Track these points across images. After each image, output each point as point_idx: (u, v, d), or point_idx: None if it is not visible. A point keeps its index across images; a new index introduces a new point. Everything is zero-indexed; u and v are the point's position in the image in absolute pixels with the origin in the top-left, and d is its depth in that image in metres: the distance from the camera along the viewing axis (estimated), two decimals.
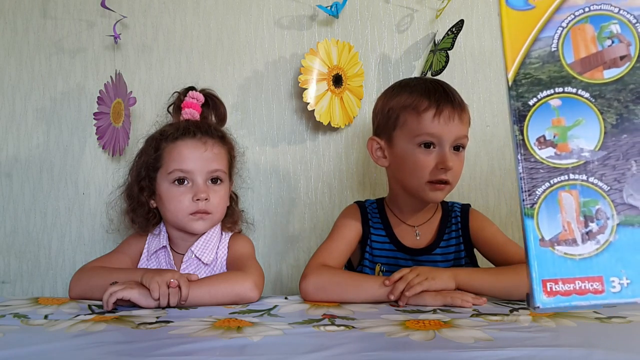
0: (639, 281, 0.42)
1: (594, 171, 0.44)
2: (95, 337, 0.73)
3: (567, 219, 0.44)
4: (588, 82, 0.45)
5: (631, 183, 0.43)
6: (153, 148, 1.12)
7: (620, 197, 0.44)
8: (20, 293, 1.38)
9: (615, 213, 0.43)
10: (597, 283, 0.43)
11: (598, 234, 0.43)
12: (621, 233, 0.43)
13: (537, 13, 0.46)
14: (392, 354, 0.65)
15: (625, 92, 0.45)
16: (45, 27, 1.40)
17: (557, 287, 0.43)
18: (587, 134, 0.45)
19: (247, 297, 0.97)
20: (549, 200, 0.44)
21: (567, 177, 0.45)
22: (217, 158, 1.11)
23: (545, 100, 0.46)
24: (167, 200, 1.09)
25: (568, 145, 0.45)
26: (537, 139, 0.46)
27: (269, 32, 1.41)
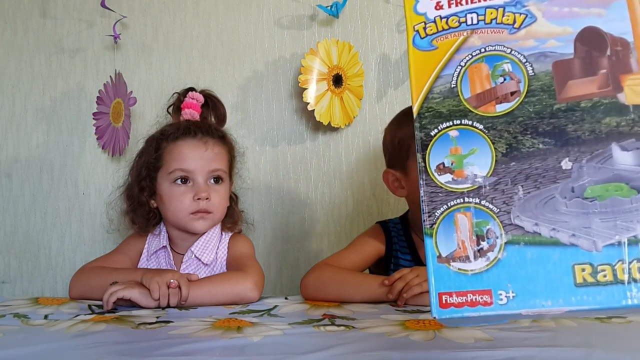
0: (523, 294, 0.46)
1: (485, 195, 0.48)
2: (95, 337, 0.73)
3: (461, 238, 0.48)
4: (482, 115, 0.50)
5: (518, 206, 0.48)
6: (154, 148, 1.12)
7: (508, 218, 0.48)
8: (20, 293, 1.38)
9: (504, 232, 0.47)
10: (486, 296, 0.47)
11: (488, 251, 0.47)
12: (508, 251, 0.47)
13: (439, 53, 0.51)
14: (392, 354, 0.65)
15: (515, 124, 0.49)
16: (45, 27, 1.40)
17: (451, 300, 0.47)
18: (480, 162, 0.49)
19: (247, 297, 0.97)
20: (446, 221, 0.49)
21: (462, 200, 0.49)
22: (217, 158, 1.11)
23: (445, 131, 0.51)
24: (167, 200, 1.09)
25: (464, 171, 0.49)
26: (437, 165, 0.50)
27: (269, 32, 1.41)
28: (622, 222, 0.45)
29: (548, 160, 0.48)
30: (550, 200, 0.47)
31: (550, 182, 0.47)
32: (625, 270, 0.44)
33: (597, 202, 0.46)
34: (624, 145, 0.47)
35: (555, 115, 0.48)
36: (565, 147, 0.48)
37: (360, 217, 1.41)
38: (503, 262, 0.47)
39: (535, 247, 0.46)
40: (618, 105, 0.47)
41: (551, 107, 0.49)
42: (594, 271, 0.45)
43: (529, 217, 0.47)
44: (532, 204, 0.47)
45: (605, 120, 0.47)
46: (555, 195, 0.47)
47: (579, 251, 0.45)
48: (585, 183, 0.47)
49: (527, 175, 0.48)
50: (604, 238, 0.45)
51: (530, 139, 0.49)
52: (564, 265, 0.45)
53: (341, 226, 1.41)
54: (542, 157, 0.48)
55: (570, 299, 0.45)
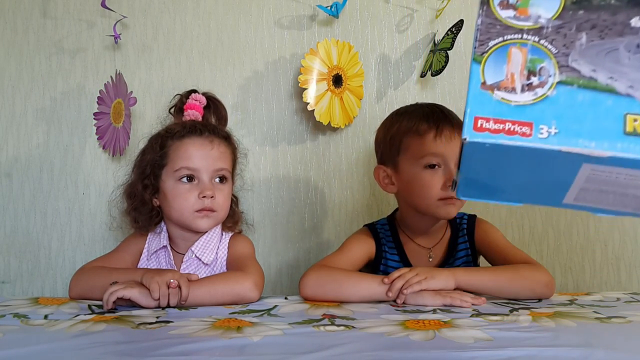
0: (566, 132, 0.45)
1: (546, 35, 0.48)
2: (95, 337, 0.73)
3: (511, 70, 0.47)
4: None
5: (579, 51, 0.47)
6: (159, 145, 1.11)
7: (565, 60, 0.47)
8: (20, 293, 1.38)
9: (558, 72, 0.46)
10: (526, 127, 0.45)
11: (537, 87, 0.46)
12: (560, 90, 0.46)
13: None
14: (392, 354, 0.65)
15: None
16: (45, 27, 1.40)
17: (487, 125, 0.46)
18: (547, 4, 0.49)
19: (247, 297, 0.97)
20: (499, 52, 0.48)
21: (520, 36, 0.48)
22: (223, 157, 1.12)
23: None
24: (172, 198, 1.09)
25: (528, 10, 0.48)
26: (501, 0, 0.49)
27: (269, 32, 1.41)
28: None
29: (618, 16, 0.47)
30: (613, 51, 0.46)
31: (617, 35, 0.47)
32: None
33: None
34: None
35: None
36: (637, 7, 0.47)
37: (360, 217, 1.41)
38: (552, 99, 0.46)
39: (589, 91, 0.45)
40: None
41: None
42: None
43: (587, 62, 0.46)
44: (594, 51, 0.47)
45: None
46: (620, 47, 0.46)
47: (635, 102, 0.45)
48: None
49: (593, 25, 0.48)
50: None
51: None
52: (616, 113, 0.44)
53: (341, 226, 1.41)
54: (612, 11, 0.48)
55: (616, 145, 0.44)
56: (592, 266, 1.43)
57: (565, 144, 0.44)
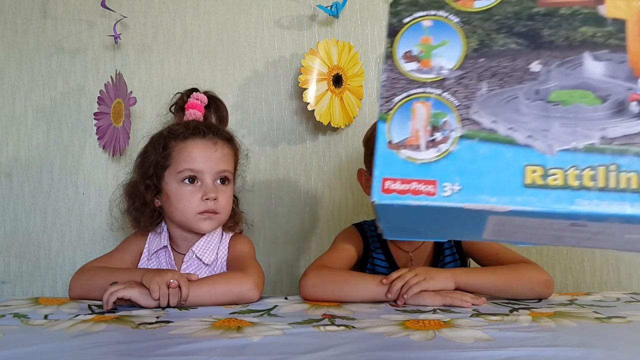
0: (468, 189, 0.45)
1: (448, 87, 0.48)
2: (95, 337, 0.73)
3: (416, 127, 0.47)
4: (459, 9, 0.49)
5: (479, 102, 0.47)
6: (161, 146, 1.11)
7: (467, 112, 0.47)
8: (20, 293, 1.38)
9: (460, 126, 0.46)
10: (431, 186, 0.45)
11: (441, 143, 0.46)
12: (462, 144, 0.46)
13: None
14: (392, 354, 0.65)
15: (491, 21, 0.49)
16: (45, 27, 1.40)
17: (394, 186, 0.46)
18: (449, 54, 0.49)
19: (247, 297, 0.97)
20: (404, 109, 0.48)
21: (423, 90, 0.48)
22: (225, 159, 1.12)
23: (418, 20, 0.50)
24: (175, 199, 1.09)
25: (430, 62, 0.49)
26: (404, 52, 0.49)
27: (269, 32, 1.41)
28: (582, 129, 0.45)
29: (518, 61, 0.47)
30: (513, 99, 0.46)
31: (516, 82, 0.47)
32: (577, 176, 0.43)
33: (560, 106, 0.46)
34: (597, 54, 0.46)
35: (533, 18, 0.48)
36: (537, 50, 0.47)
37: (360, 217, 1.41)
38: (454, 155, 0.46)
39: (489, 144, 0.46)
40: (597, 16, 0.47)
41: (530, 9, 0.48)
42: (545, 174, 0.44)
43: (488, 114, 0.46)
44: (494, 101, 0.47)
45: (581, 29, 0.47)
46: (519, 95, 0.46)
47: (533, 152, 0.45)
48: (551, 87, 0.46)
49: (493, 73, 0.48)
50: (561, 142, 0.44)
51: (503, 38, 0.48)
52: (516, 165, 0.45)
53: (341, 226, 1.41)
54: (512, 57, 0.48)
55: (517, 199, 0.44)
56: (592, 266, 1.43)
57: (468, 201, 0.45)
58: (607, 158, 0.43)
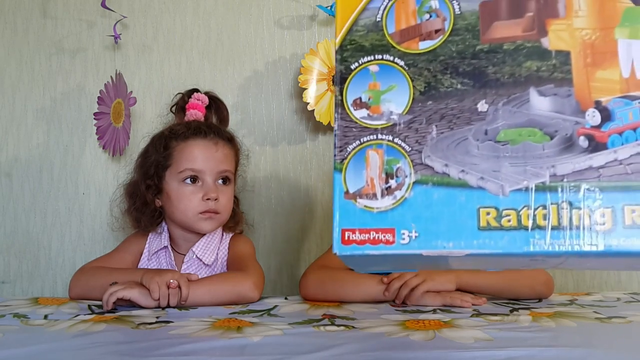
0: (426, 235, 0.45)
1: (399, 133, 0.48)
2: (95, 337, 0.73)
3: (370, 175, 0.47)
4: (404, 52, 0.49)
5: (430, 145, 0.47)
6: (162, 146, 1.11)
7: (419, 157, 0.47)
8: (20, 293, 1.38)
9: (413, 172, 0.47)
10: (389, 234, 0.46)
11: (396, 190, 0.46)
12: (416, 190, 0.46)
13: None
14: (392, 354, 0.65)
15: (436, 62, 0.48)
16: (45, 27, 1.40)
17: (353, 236, 0.46)
18: (397, 99, 0.48)
19: (247, 297, 0.97)
20: (357, 157, 0.48)
21: (375, 137, 0.48)
22: (226, 159, 1.12)
23: (365, 65, 0.49)
24: (176, 199, 1.09)
25: (380, 108, 0.48)
26: (354, 100, 0.49)
27: (269, 32, 1.41)
28: (531, 168, 0.44)
29: (465, 102, 0.47)
30: (462, 141, 0.46)
31: (465, 124, 0.47)
32: (530, 216, 0.43)
33: (509, 146, 0.45)
34: (542, 90, 0.46)
35: (477, 56, 0.48)
36: (483, 88, 0.47)
37: None
38: (409, 201, 0.46)
39: (442, 188, 0.46)
40: (540, 49, 0.47)
41: (474, 47, 0.48)
42: (499, 215, 0.44)
43: (439, 158, 0.46)
44: (445, 144, 0.47)
45: (526, 64, 0.47)
46: (468, 137, 0.46)
47: (486, 194, 0.44)
48: (499, 126, 0.46)
49: (442, 115, 0.47)
50: (512, 183, 0.44)
51: (449, 79, 0.48)
52: (470, 208, 0.45)
53: None
54: (459, 97, 0.47)
55: (472, 242, 0.44)
56: None
57: (425, 247, 0.45)
58: (559, 196, 0.43)
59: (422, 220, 0.45)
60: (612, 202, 0.42)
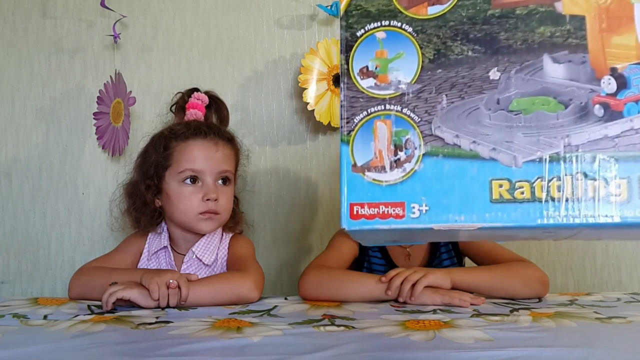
0: (437, 208, 0.44)
1: (408, 103, 0.46)
2: (95, 337, 0.73)
3: (379, 147, 0.46)
4: (412, 17, 0.47)
5: (440, 116, 0.45)
6: (162, 146, 1.11)
7: (429, 128, 0.45)
8: (20, 293, 1.38)
9: (423, 143, 0.45)
10: (399, 208, 0.45)
11: (405, 162, 0.45)
12: (426, 162, 0.45)
13: None
14: (392, 354, 0.65)
15: (445, 28, 0.46)
16: (44, 26, 1.39)
17: (362, 211, 0.45)
18: (405, 67, 0.46)
19: (247, 298, 0.97)
20: (365, 129, 0.46)
21: (383, 107, 0.46)
22: (226, 159, 1.12)
23: (372, 32, 0.47)
24: (176, 200, 1.09)
25: (388, 77, 0.47)
26: (360, 69, 0.47)
27: (269, 32, 1.41)
28: (545, 138, 0.43)
29: (476, 69, 0.45)
30: (474, 111, 0.45)
31: (476, 93, 0.45)
32: (543, 188, 0.42)
33: (522, 115, 0.44)
34: (556, 57, 0.44)
35: (488, 21, 0.46)
36: (495, 55, 0.45)
37: None
38: (419, 174, 0.45)
39: (453, 160, 0.44)
40: (554, 14, 0.45)
41: (485, 12, 0.46)
42: (512, 187, 0.43)
43: (450, 128, 0.45)
44: (455, 114, 0.45)
45: (539, 30, 0.45)
46: (480, 106, 0.45)
47: (498, 166, 0.43)
48: (511, 95, 0.44)
49: (452, 84, 0.46)
50: (525, 153, 0.43)
51: (459, 46, 0.46)
52: (482, 180, 0.43)
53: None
54: (470, 65, 0.46)
55: (485, 215, 0.43)
56: (593, 266, 1.43)
57: (436, 222, 0.44)
58: (573, 167, 0.42)
59: (432, 193, 0.44)
60: (628, 172, 0.41)
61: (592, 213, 0.41)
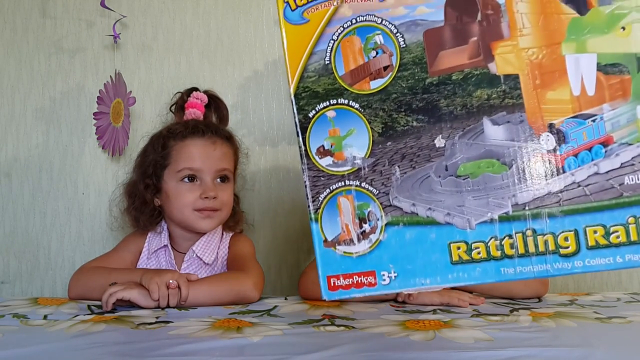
0: (404, 274, 0.47)
1: (365, 177, 0.48)
2: (95, 337, 0.73)
3: (345, 221, 0.49)
4: (357, 93, 0.49)
5: (396, 186, 0.48)
6: (160, 145, 1.11)
7: (387, 199, 0.48)
8: (20, 293, 1.38)
9: (384, 214, 0.48)
10: (370, 277, 0.48)
11: (370, 233, 0.48)
12: (389, 232, 0.47)
13: (311, 27, 0.50)
14: (392, 354, 0.65)
15: (389, 101, 0.48)
16: (44, 26, 1.39)
17: (338, 282, 0.48)
18: (358, 143, 0.49)
19: (247, 298, 0.97)
20: (330, 205, 0.49)
21: (343, 184, 0.49)
22: (225, 158, 1.12)
23: (322, 112, 0.50)
24: (174, 198, 1.09)
25: (343, 153, 0.49)
26: (317, 148, 0.50)
27: (269, 32, 1.41)
28: (493, 199, 0.45)
29: (422, 139, 0.47)
30: (425, 179, 0.47)
31: (425, 161, 0.47)
32: (497, 246, 0.45)
33: (469, 179, 0.46)
34: (495, 119, 0.46)
35: (428, 90, 0.47)
36: (438, 123, 0.47)
37: None
38: (384, 243, 0.47)
39: (413, 228, 0.47)
40: (489, 76, 0.46)
41: (423, 81, 0.48)
42: (469, 249, 0.45)
43: (406, 198, 0.47)
44: (409, 183, 0.47)
45: (476, 93, 0.46)
46: (430, 174, 0.47)
47: (454, 229, 0.46)
48: (458, 161, 0.47)
49: (403, 155, 0.48)
50: (477, 216, 0.45)
51: (404, 117, 0.48)
52: (441, 244, 0.46)
53: None
54: (416, 135, 0.48)
55: (447, 277, 0.46)
56: None
57: (405, 286, 0.47)
58: (522, 224, 0.44)
59: (398, 260, 0.47)
60: (574, 224, 0.44)
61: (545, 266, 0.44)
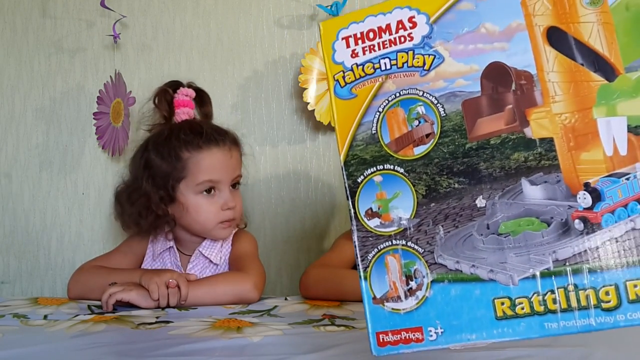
0: (450, 330, 0.49)
1: (410, 236, 0.51)
2: (95, 337, 0.73)
3: (392, 279, 0.51)
4: (402, 159, 0.52)
5: (440, 245, 0.50)
6: (174, 157, 1.06)
7: (432, 257, 0.50)
8: (20, 293, 1.38)
9: (429, 272, 0.50)
10: (418, 333, 0.49)
11: (417, 290, 0.50)
12: (435, 288, 0.50)
13: (359, 101, 0.54)
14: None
15: (432, 165, 0.52)
16: (44, 26, 1.39)
17: (387, 338, 0.50)
18: (404, 204, 0.52)
19: (247, 298, 0.97)
20: (378, 264, 0.52)
21: (390, 243, 0.52)
22: (238, 164, 1.12)
23: (370, 177, 0.53)
24: (195, 212, 1.06)
25: (390, 215, 0.52)
26: (366, 211, 0.53)
27: (269, 31, 1.41)
28: (534, 256, 0.47)
29: (464, 199, 0.50)
30: (468, 238, 0.49)
31: (467, 220, 0.50)
32: (540, 302, 0.46)
33: (510, 237, 0.48)
34: (533, 179, 0.48)
35: (468, 154, 0.50)
36: (478, 185, 0.50)
37: None
38: (430, 299, 0.49)
39: (458, 284, 0.49)
40: (525, 140, 0.49)
41: (463, 146, 0.51)
42: (512, 304, 0.47)
43: (450, 256, 0.49)
44: (453, 242, 0.50)
45: (513, 156, 0.49)
46: (473, 232, 0.49)
47: (498, 286, 0.48)
48: (498, 219, 0.49)
49: (446, 215, 0.50)
50: (519, 272, 0.47)
51: (446, 179, 0.51)
52: (485, 300, 0.48)
53: (341, 226, 1.41)
54: (458, 196, 0.50)
55: (493, 332, 0.47)
56: None
57: (451, 342, 0.48)
58: (564, 279, 0.46)
59: (444, 316, 0.49)
60: (614, 279, 0.45)
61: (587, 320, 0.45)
